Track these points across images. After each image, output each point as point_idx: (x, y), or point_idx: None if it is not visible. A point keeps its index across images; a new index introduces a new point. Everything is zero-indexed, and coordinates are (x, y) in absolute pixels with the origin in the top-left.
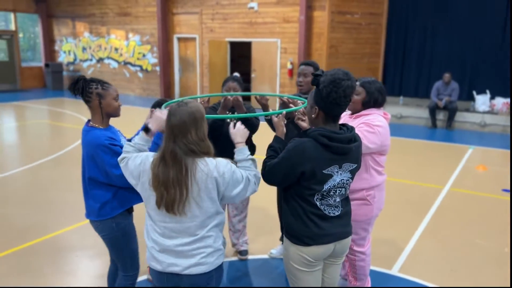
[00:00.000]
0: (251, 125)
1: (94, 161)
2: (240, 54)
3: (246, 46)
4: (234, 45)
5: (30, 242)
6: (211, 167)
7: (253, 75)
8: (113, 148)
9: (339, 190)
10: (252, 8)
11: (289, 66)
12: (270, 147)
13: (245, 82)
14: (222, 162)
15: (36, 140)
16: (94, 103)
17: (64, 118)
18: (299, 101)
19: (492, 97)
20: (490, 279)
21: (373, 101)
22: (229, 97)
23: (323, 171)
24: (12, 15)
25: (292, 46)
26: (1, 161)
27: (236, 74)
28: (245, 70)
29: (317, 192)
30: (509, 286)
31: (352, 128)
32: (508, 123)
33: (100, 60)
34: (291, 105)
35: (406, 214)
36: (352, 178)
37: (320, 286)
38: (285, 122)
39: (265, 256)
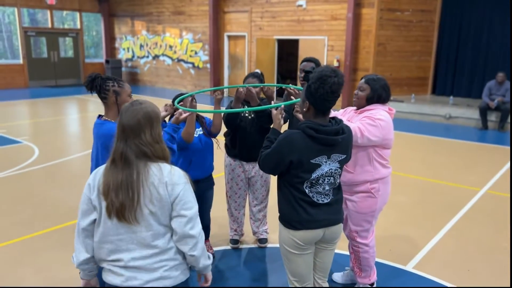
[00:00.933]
0: (268, 116)
1: (108, 151)
2: (288, 52)
3: (294, 43)
4: (281, 43)
5: (73, 221)
6: (164, 172)
7: (300, 74)
8: None
9: (327, 179)
10: (301, 5)
11: (335, 63)
12: (267, 138)
13: (292, 79)
14: (179, 173)
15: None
16: (110, 100)
17: None
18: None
19: None
20: (507, 284)
21: (377, 97)
22: (240, 89)
23: (311, 160)
24: (78, 14)
25: (339, 44)
26: (65, 146)
27: (257, 70)
28: (292, 68)
29: (306, 180)
30: (509, 286)
31: (340, 121)
32: None
33: (155, 57)
34: (293, 97)
35: (434, 214)
36: (341, 168)
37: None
38: (283, 116)
39: None
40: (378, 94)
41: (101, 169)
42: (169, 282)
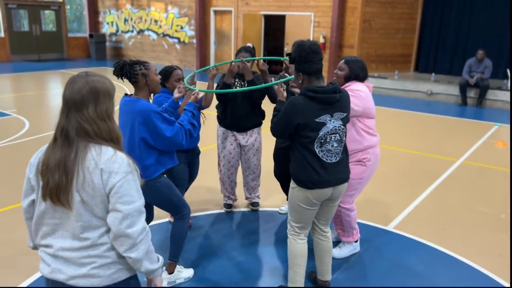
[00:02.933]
0: (260, 92)
1: (147, 125)
2: (274, 28)
3: (280, 19)
4: (268, 19)
5: None
6: (103, 157)
7: (286, 49)
8: (163, 115)
9: (334, 136)
10: None
11: (321, 40)
12: (275, 109)
13: (279, 55)
14: (121, 160)
15: None
16: (141, 83)
17: None
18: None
19: None
20: (478, 241)
21: (354, 76)
22: (234, 63)
23: (316, 119)
24: None
25: (325, 20)
26: (55, 119)
27: (249, 44)
28: (279, 44)
29: (315, 138)
30: (509, 286)
31: (335, 82)
32: None
33: (140, 31)
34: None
35: (413, 182)
36: (344, 126)
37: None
38: (284, 89)
39: (275, 209)
40: (356, 74)
41: (44, 147)
42: (97, 281)
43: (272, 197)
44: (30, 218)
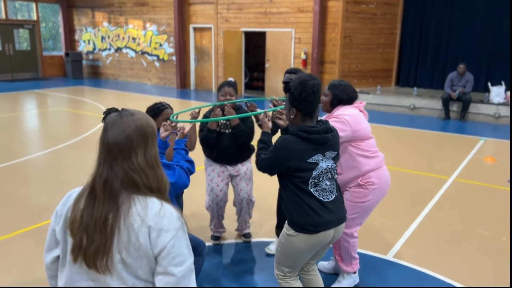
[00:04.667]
0: (245, 136)
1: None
2: (255, 44)
3: (261, 36)
4: (248, 35)
5: (47, 221)
6: (150, 211)
7: (267, 65)
8: (162, 161)
9: (326, 175)
10: None
11: (303, 56)
12: (260, 141)
13: (259, 72)
14: (171, 214)
15: (56, 126)
16: None
17: (82, 106)
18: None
19: (507, 89)
20: (482, 268)
21: (338, 101)
22: (219, 108)
23: (308, 160)
24: (34, 5)
25: (306, 36)
26: (23, 145)
27: (231, 79)
28: (259, 60)
29: (309, 178)
30: (509, 286)
31: (327, 122)
32: None
33: (118, 49)
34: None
35: (407, 204)
36: (335, 164)
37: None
38: (269, 119)
39: (270, 239)
40: (339, 99)
41: (74, 194)
42: None
43: (265, 226)
44: (54, 276)
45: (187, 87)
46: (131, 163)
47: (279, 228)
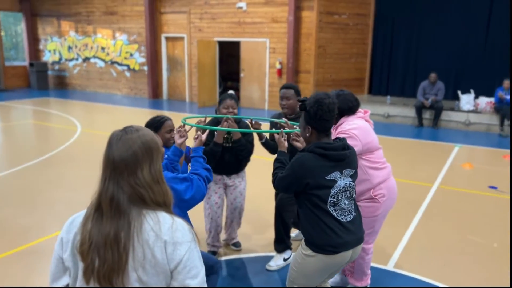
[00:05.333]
0: (246, 150)
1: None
2: (229, 54)
3: (235, 45)
4: (222, 45)
5: (31, 242)
6: (164, 226)
7: (242, 75)
8: (179, 176)
9: (344, 193)
10: (241, 8)
11: (278, 66)
12: (277, 160)
13: (233, 81)
14: (183, 227)
15: (26, 141)
16: None
17: (51, 118)
18: (290, 124)
19: (476, 97)
20: (481, 275)
21: (340, 112)
22: (229, 121)
23: (326, 177)
24: None
25: (281, 46)
26: None
27: (232, 91)
28: (234, 70)
29: (327, 197)
30: (509, 286)
31: (344, 139)
32: (491, 122)
33: (86, 59)
34: (286, 127)
35: (399, 212)
36: (353, 182)
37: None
38: (285, 138)
39: (260, 254)
40: (341, 110)
41: (78, 218)
42: None
43: (259, 240)
44: None
45: (160, 97)
46: (137, 178)
47: (277, 243)
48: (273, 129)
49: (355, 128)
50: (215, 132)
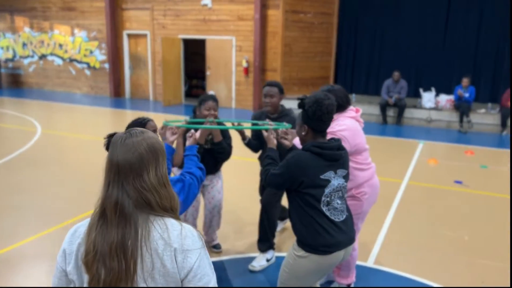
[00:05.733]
0: (226, 153)
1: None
2: (194, 52)
3: (200, 43)
4: (187, 42)
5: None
6: (172, 233)
7: (208, 73)
8: (173, 178)
9: (337, 193)
10: (206, 5)
11: (244, 64)
12: (267, 156)
13: (199, 79)
14: (192, 233)
15: None
16: None
17: (6, 119)
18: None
19: (437, 94)
20: (458, 268)
21: None
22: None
23: (321, 176)
24: None
25: (247, 44)
26: None
27: (212, 92)
28: (199, 68)
29: (321, 196)
30: (509, 286)
31: (339, 139)
32: (451, 119)
33: (42, 56)
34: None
35: (373, 208)
36: (346, 183)
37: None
38: (274, 136)
39: (241, 255)
40: None
41: (82, 227)
42: None
43: (239, 240)
44: None
45: (122, 96)
46: (143, 181)
47: (261, 242)
48: (257, 131)
49: (344, 130)
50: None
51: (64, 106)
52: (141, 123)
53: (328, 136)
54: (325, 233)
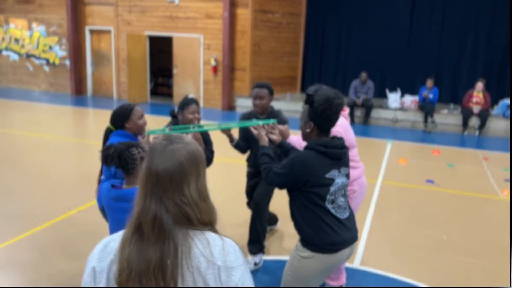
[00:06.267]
0: (208, 160)
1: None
2: (158, 49)
3: (166, 40)
4: (152, 39)
5: None
6: (215, 249)
7: (174, 71)
8: None
9: (340, 191)
10: (173, 2)
11: (213, 63)
12: (263, 154)
13: (165, 77)
14: (234, 249)
15: None
16: (138, 169)
17: None
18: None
19: (402, 95)
20: (442, 266)
21: None
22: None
23: (326, 176)
24: None
25: (216, 43)
26: None
27: (192, 95)
28: (165, 65)
29: (326, 195)
30: (509, 286)
31: (341, 138)
32: (416, 119)
33: None
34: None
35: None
36: (348, 181)
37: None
38: (265, 133)
39: None
40: None
41: (113, 243)
42: None
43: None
44: None
45: (84, 94)
46: (183, 195)
47: (252, 244)
48: (246, 132)
49: (337, 126)
50: None
51: (21, 103)
52: (127, 109)
53: None
54: (331, 231)
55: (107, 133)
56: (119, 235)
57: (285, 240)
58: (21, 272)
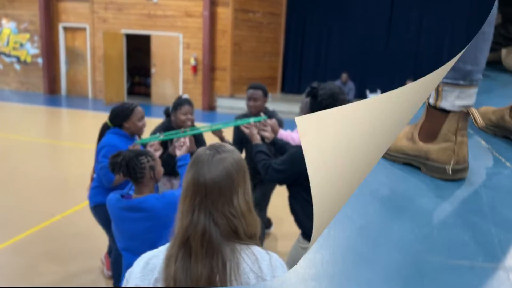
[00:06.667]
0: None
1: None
2: (135, 47)
3: (143, 39)
4: (129, 38)
5: None
6: (262, 265)
7: (153, 70)
8: None
9: None
10: None
11: (192, 62)
12: (258, 151)
13: (141, 76)
14: (280, 264)
15: None
16: (147, 177)
17: None
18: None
19: None
20: None
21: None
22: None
23: None
24: None
25: (196, 42)
26: None
27: (186, 95)
28: (143, 64)
29: None
30: None
31: None
32: None
33: None
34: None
35: None
36: None
37: None
38: (257, 131)
39: None
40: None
41: (154, 259)
42: None
43: None
44: None
45: (57, 93)
46: (233, 207)
47: None
48: (239, 134)
49: None
50: (168, 143)
51: None
52: (128, 108)
53: None
54: None
55: (104, 129)
56: (160, 251)
57: (280, 242)
58: (8, 278)
